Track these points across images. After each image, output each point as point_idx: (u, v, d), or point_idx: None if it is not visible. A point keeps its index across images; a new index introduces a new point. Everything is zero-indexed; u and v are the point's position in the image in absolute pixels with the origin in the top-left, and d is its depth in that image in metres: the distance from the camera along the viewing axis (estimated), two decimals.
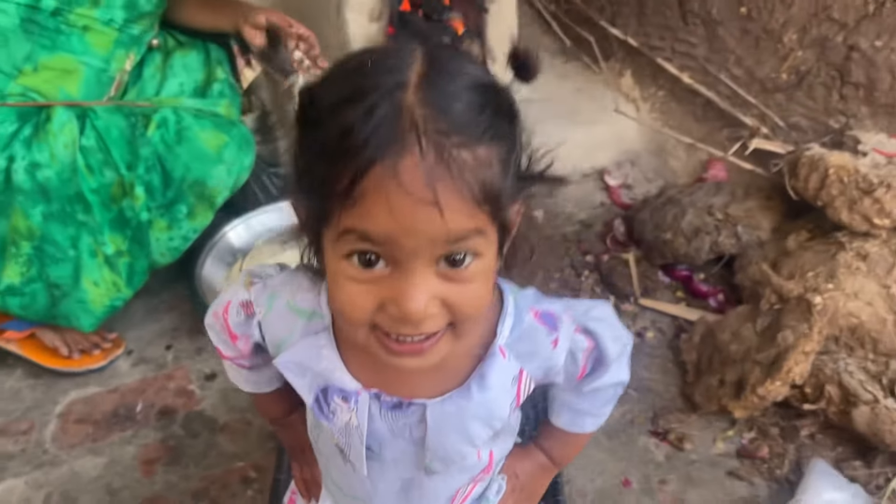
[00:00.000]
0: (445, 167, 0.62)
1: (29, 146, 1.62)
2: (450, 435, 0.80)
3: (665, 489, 1.66)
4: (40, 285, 1.76)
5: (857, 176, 1.75)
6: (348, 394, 0.79)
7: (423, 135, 0.62)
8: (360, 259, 0.66)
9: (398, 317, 0.67)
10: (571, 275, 2.12)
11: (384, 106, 0.62)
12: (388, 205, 0.62)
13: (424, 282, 0.66)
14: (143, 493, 1.66)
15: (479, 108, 0.66)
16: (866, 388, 1.62)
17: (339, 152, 0.63)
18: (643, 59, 2.42)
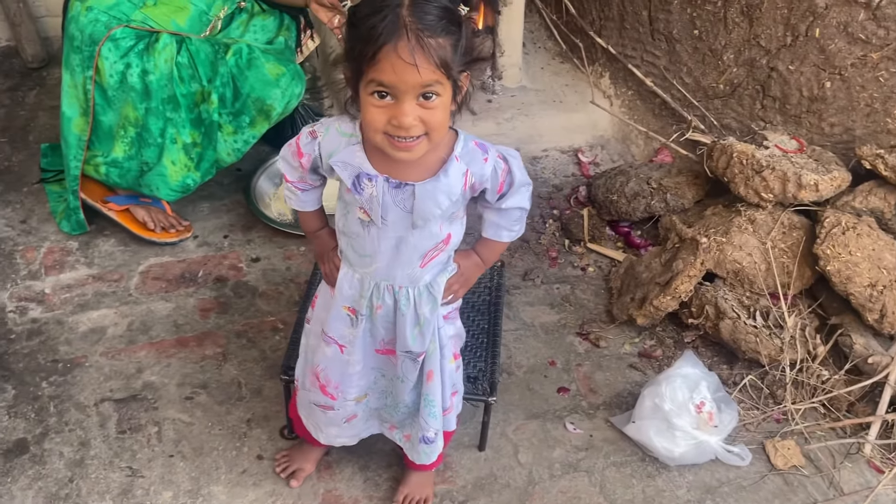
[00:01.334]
0: (420, 47, 1.19)
1: (141, 57, 2.24)
2: (427, 202, 1.37)
3: (580, 370, 2.24)
4: (135, 162, 2.39)
5: (752, 160, 2.33)
6: (372, 176, 1.36)
7: (409, 30, 1.19)
8: (378, 94, 1.23)
9: (397, 125, 1.24)
10: (539, 222, 2.71)
11: (391, 16, 1.19)
12: (392, 66, 1.20)
13: (411, 107, 1.23)
14: (199, 329, 2.27)
15: (440, 18, 1.21)
16: (734, 310, 2.20)
17: (369, 39, 1.20)
18: (619, 64, 3.01)
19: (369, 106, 1.25)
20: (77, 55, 2.24)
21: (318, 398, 1.66)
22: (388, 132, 1.26)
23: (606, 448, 2.02)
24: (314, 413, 1.72)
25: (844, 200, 2.33)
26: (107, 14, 2.22)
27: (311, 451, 1.90)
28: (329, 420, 1.70)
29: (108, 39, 2.19)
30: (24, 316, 2.25)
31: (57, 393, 2.05)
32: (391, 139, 1.27)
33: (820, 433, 2.09)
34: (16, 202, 2.63)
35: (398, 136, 1.26)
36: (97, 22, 2.21)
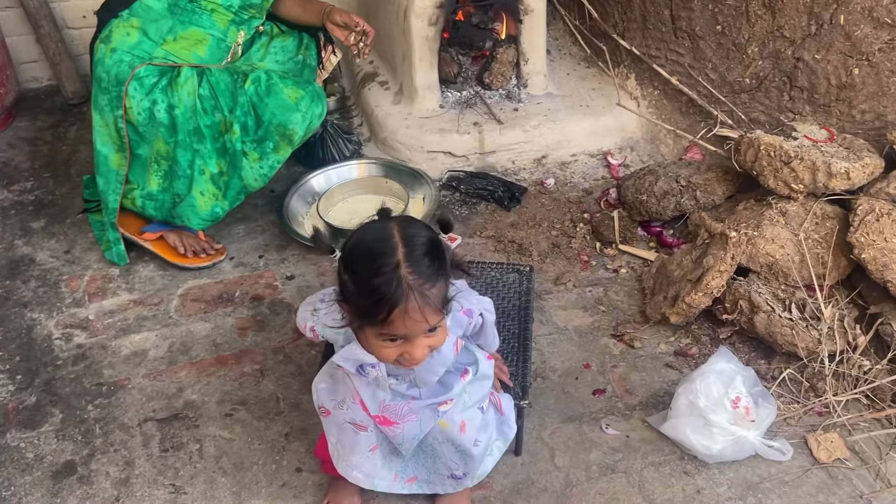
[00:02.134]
0: (426, 303, 1.32)
1: (166, 93, 2.32)
2: (426, 374, 1.56)
3: (615, 371, 2.23)
4: (168, 194, 2.47)
5: (780, 151, 2.30)
6: (374, 364, 1.50)
7: (413, 291, 1.31)
8: (389, 340, 1.39)
9: (409, 359, 1.41)
10: (569, 226, 2.71)
11: (395, 279, 1.30)
12: (405, 324, 1.33)
13: (421, 344, 1.39)
14: (237, 347, 2.31)
15: (432, 263, 1.33)
16: (768, 303, 2.17)
17: (377, 301, 1.31)
18: (644, 65, 3.00)
19: (381, 347, 1.41)
20: (105, 96, 2.33)
21: (357, 415, 1.63)
22: (399, 361, 1.44)
23: (644, 448, 2.01)
24: (345, 433, 1.67)
25: (878, 187, 2.29)
26: (130, 54, 2.31)
27: (348, 486, 1.84)
28: (357, 443, 1.66)
29: (133, 79, 2.28)
30: (69, 342, 2.32)
31: (102, 415, 2.11)
32: (401, 364, 1.45)
33: (864, 424, 2.04)
34: (60, 234, 2.72)
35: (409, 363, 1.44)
36: (121, 63, 2.29)
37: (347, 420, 1.63)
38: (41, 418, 2.11)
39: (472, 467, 1.72)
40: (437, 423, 1.63)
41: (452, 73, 3.09)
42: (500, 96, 3.11)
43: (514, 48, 3.07)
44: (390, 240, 1.32)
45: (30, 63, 3.44)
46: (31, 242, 2.69)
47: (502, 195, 2.80)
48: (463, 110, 3.04)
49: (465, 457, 1.70)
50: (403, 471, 1.74)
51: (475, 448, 1.69)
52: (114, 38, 2.32)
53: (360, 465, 1.69)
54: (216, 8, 2.42)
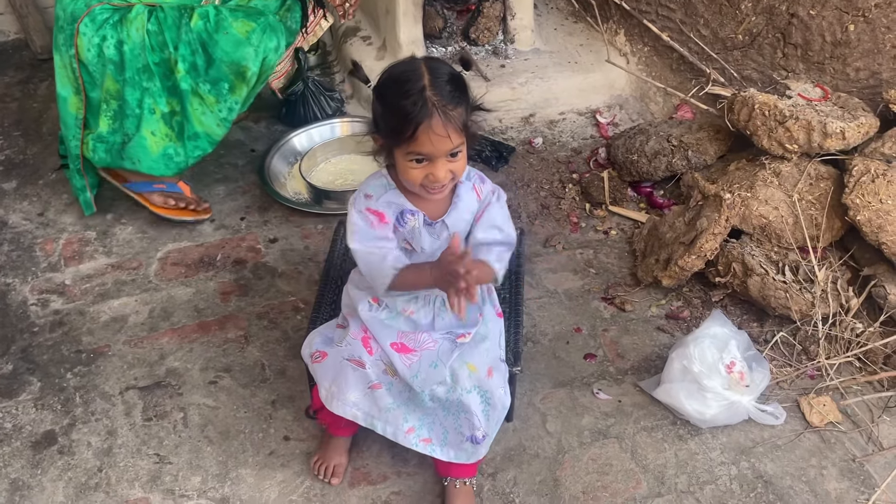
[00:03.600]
0: (448, 120, 1.43)
1: (115, 28, 2.21)
2: (456, 221, 1.63)
3: (606, 335, 2.20)
4: (118, 135, 2.35)
5: (775, 110, 2.26)
6: (414, 211, 1.60)
7: (439, 109, 1.42)
8: (416, 160, 1.48)
9: (434, 180, 1.50)
10: (558, 187, 2.66)
11: (420, 99, 1.42)
12: (429, 140, 1.44)
13: (443, 166, 1.49)
14: (220, 312, 2.26)
15: (455, 90, 1.46)
16: (762, 266, 2.14)
17: (404, 119, 1.43)
18: (634, 20, 2.93)
19: (408, 168, 1.51)
20: (61, 34, 2.24)
21: (356, 350, 1.65)
22: (424, 184, 1.52)
23: (636, 413, 1.99)
24: (343, 372, 1.66)
25: (873, 147, 2.25)
26: None
27: (338, 443, 1.87)
28: (357, 380, 1.65)
29: (87, 16, 2.19)
30: (46, 308, 2.25)
31: (82, 383, 2.05)
32: (427, 188, 1.54)
33: (856, 387, 2.03)
34: (32, 195, 2.63)
35: (434, 186, 1.52)
36: (78, 0, 2.19)
37: (345, 357, 1.65)
38: (19, 387, 2.05)
39: (491, 427, 1.68)
40: (465, 367, 1.64)
41: (437, 28, 3.00)
42: (486, 52, 3.03)
43: (500, 2, 2.98)
44: (417, 70, 1.46)
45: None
46: (3, 204, 2.60)
47: (490, 155, 2.74)
48: None
49: (489, 410, 1.66)
50: (420, 428, 1.69)
51: (504, 398, 1.68)
52: None
53: (357, 402, 1.67)
54: (191, 8, 2.27)
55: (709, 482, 1.83)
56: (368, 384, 1.66)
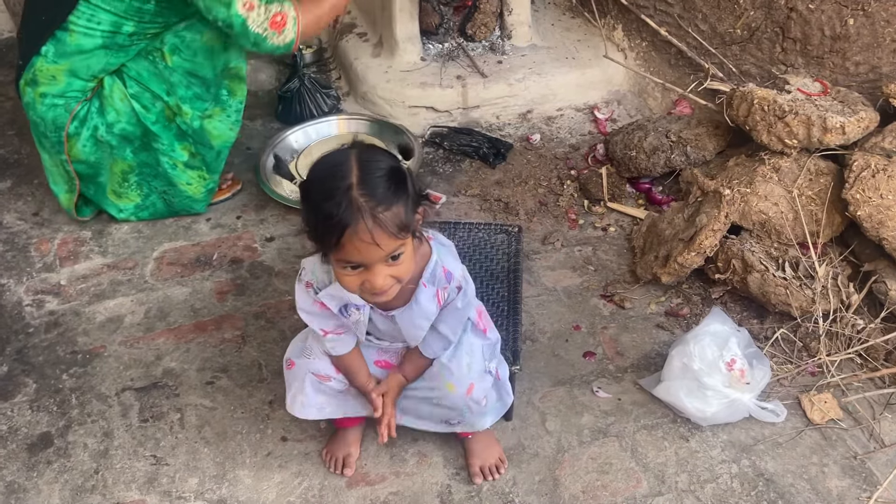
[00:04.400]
0: (378, 224, 1.28)
1: (101, 113, 2.23)
2: (409, 327, 1.55)
3: (605, 333, 2.19)
4: (155, 196, 2.42)
5: (774, 105, 2.24)
6: (359, 306, 1.52)
7: (365, 213, 1.27)
8: (350, 267, 1.35)
9: (370, 288, 1.37)
10: (556, 184, 2.64)
11: (345, 201, 1.27)
12: (356, 248, 1.30)
13: (381, 272, 1.35)
14: (216, 312, 2.24)
15: (389, 187, 1.30)
16: (761, 262, 2.13)
17: (328, 226, 1.29)
18: (632, 15, 2.91)
19: (343, 276, 1.39)
20: (45, 140, 2.27)
21: (323, 367, 1.67)
22: (363, 290, 1.40)
23: (636, 411, 1.97)
24: (305, 383, 1.69)
25: (873, 142, 2.24)
26: (63, 97, 2.20)
27: (346, 434, 1.87)
28: (321, 390, 1.71)
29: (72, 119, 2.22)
30: (41, 309, 2.24)
31: (78, 385, 2.03)
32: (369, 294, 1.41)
33: (857, 384, 2.02)
34: (27, 195, 2.61)
35: (374, 291, 1.39)
36: (55, 107, 2.20)
37: (311, 370, 1.67)
38: (14, 389, 2.03)
39: (473, 421, 1.72)
40: (445, 387, 1.65)
41: (434, 24, 2.98)
42: (483, 48, 3.02)
43: None
44: (345, 164, 1.31)
45: None
46: None
47: (487, 152, 2.72)
48: (445, 63, 2.94)
49: (470, 415, 1.70)
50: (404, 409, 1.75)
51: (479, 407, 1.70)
52: (40, 82, 2.17)
53: (324, 403, 1.73)
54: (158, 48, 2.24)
55: (709, 480, 1.82)
56: (338, 391, 1.71)
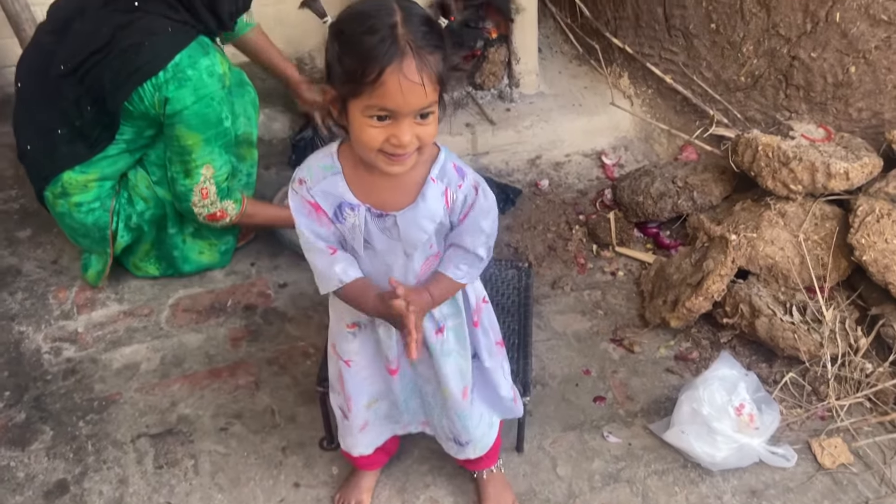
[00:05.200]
0: (424, 64, 1.18)
1: (131, 203, 2.32)
2: (411, 229, 1.38)
3: (615, 377, 2.20)
4: (172, 269, 2.48)
5: (778, 152, 2.28)
6: (353, 205, 1.36)
7: (413, 48, 1.17)
8: (377, 117, 1.22)
9: (396, 144, 1.24)
10: (565, 228, 2.68)
11: (389, 35, 1.17)
12: (399, 89, 1.18)
13: (410, 127, 1.23)
14: (230, 358, 2.27)
15: (431, 32, 1.21)
16: (769, 306, 2.15)
17: (369, 59, 1.17)
18: (637, 63, 2.97)
19: (366, 127, 1.24)
20: (86, 239, 2.35)
21: (340, 400, 1.70)
22: (383, 149, 1.26)
23: (647, 456, 1.98)
24: (337, 416, 1.75)
25: (877, 187, 2.27)
26: (98, 201, 2.27)
27: (360, 480, 1.88)
28: (345, 429, 1.74)
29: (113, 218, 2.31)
30: (59, 356, 2.27)
31: (94, 431, 2.06)
32: (386, 155, 1.27)
33: (867, 429, 2.03)
34: (46, 243, 2.66)
35: (396, 152, 1.26)
36: (93, 211, 2.28)
37: (337, 405, 1.71)
38: (31, 436, 2.06)
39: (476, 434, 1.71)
40: (439, 392, 1.62)
41: None
42: (491, 96, 3.08)
43: (505, 47, 3.03)
44: (387, 4, 1.20)
45: (11, 67, 3.37)
46: (17, 252, 2.63)
47: (497, 197, 2.75)
48: (455, 111, 3.00)
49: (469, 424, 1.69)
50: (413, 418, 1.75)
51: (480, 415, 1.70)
52: (71, 193, 2.24)
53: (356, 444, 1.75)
54: None
55: None
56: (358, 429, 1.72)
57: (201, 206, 2.24)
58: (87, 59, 2.09)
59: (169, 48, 2.05)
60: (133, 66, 2.05)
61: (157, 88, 2.05)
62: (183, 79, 2.05)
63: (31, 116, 2.27)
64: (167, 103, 2.07)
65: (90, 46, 2.08)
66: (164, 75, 2.04)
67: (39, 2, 3.11)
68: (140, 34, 2.05)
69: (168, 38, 2.06)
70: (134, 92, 2.06)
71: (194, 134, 2.13)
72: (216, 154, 2.19)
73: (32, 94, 2.25)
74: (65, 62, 2.12)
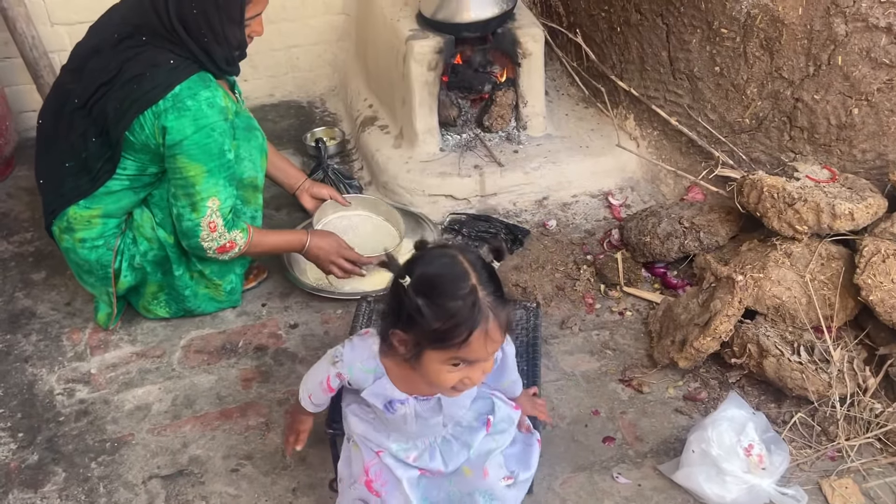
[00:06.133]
0: (500, 323, 1.37)
1: (134, 242, 2.36)
2: (452, 407, 1.60)
3: (624, 418, 2.21)
4: (181, 311, 2.51)
5: (783, 193, 2.30)
6: (403, 400, 1.55)
7: (493, 311, 1.36)
8: (454, 364, 1.41)
9: (470, 384, 1.45)
10: (573, 269, 2.70)
11: (472, 300, 1.34)
12: (484, 346, 1.37)
13: (480, 367, 1.43)
14: (241, 399, 2.29)
15: (499, 289, 1.39)
16: (777, 346, 2.16)
17: (457, 324, 1.34)
18: (643, 105, 3.01)
19: (444, 372, 1.42)
20: (90, 276, 2.39)
21: (362, 493, 1.66)
22: (456, 387, 1.46)
23: (656, 497, 1.98)
24: None
25: (883, 227, 2.29)
26: (102, 238, 2.32)
27: None
28: None
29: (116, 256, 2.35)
30: (71, 398, 2.30)
31: (106, 473, 2.08)
32: (454, 390, 1.48)
33: (878, 469, 2.02)
34: (60, 285, 2.70)
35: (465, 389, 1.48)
36: (97, 248, 2.32)
37: (356, 497, 1.67)
38: (44, 477, 2.07)
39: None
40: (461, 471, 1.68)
41: (452, 117, 3.09)
42: (499, 138, 3.12)
43: (512, 91, 3.08)
44: (460, 265, 1.37)
45: (29, 112, 3.44)
46: (32, 295, 2.67)
47: (505, 238, 2.79)
48: (463, 153, 3.04)
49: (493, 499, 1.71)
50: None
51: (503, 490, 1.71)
52: (76, 228, 2.29)
53: None
54: None
55: None
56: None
57: (210, 240, 2.27)
58: (95, 91, 2.17)
59: (169, 78, 2.12)
60: (134, 96, 2.11)
61: (157, 116, 2.11)
62: (182, 108, 2.11)
63: (46, 151, 2.34)
64: (167, 133, 2.12)
65: (99, 80, 2.16)
66: (164, 104, 2.10)
67: (57, 49, 3.20)
68: (143, 65, 2.13)
69: (170, 70, 2.13)
70: (135, 121, 2.12)
71: (197, 165, 2.17)
72: (220, 186, 2.22)
73: (49, 131, 2.32)
74: (78, 97, 2.20)
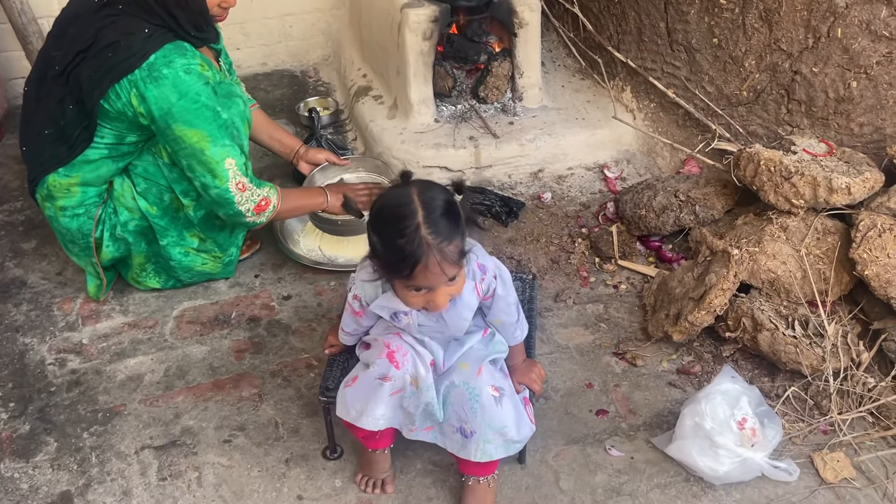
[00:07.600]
0: (444, 258, 1.50)
1: (115, 212, 2.32)
2: (454, 319, 1.71)
3: (618, 391, 2.21)
4: (173, 280, 2.48)
5: (780, 166, 2.29)
6: (406, 311, 1.69)
7: (435, 248, 1.48)
8: (415, 290, 1.57)
9: (434, 307, 1.60)
10: (568, 241, 2.69)
11: (416, 238, 1.47)
12: (426, 278, 1.52)
13: (443, 293, 1.57)
14: (234, 370, 2.28)
15: (449, 222, 1.51)
16: (771, 320, 2.15)
17: (401, 258, 1.49)
18: (640, 77, 2.99)
19: (408, 295, 1.60)
20: (74, 246, 2.37)
21: (383, 368, 1.72)
22: (425, 307, 1.63)
23: (649, 470, 1.98)
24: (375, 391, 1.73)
25: (879, 201, 2.28)
26: (83, 206, 2.29)
27: (379, 457, 1.91)
28: (384, 393, 1.73)
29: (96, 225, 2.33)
30: (63, 368, 2.28)
31: (98, 443, 2.07)
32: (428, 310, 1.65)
33: (870, 443, 2.03)
34: (51, 255, 2.68)
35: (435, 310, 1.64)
36: (77, 217, 2.30)
37: (375, 376, 1.73)
38: (35, 447, 2.07)
39: (479, 426, 1.72)
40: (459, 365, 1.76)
41: (447, 87, 3.06)
42: (495, 110, 3.09)
43: (508, 61, 3.05)
44: (411, 204, 1.49)
45: (18, 79, 3.40)
46: (22, 264, 2.65)
47: (499, 210, 2.77)
48: (458, 124, 3.01)
49: (477, 407, 1.72)
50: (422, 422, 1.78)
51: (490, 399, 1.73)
52: (56, 196, 2.27)
53: (384, 414, 1.76)
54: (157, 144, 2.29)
55: None
56: (391, 392, 1.73)
57: (246, 202, 2.25)
58: (73, 58, 2.14)
59: (145, 47, 2.09)
60: (109, 64, 2.09)
61: (133, 85, 2.08)
62: (159, 77, 2.08)
63: (29, 119, 2.31)
64: (151, 105, 2.09)
65: (77, 46, 2.13)
66: (140, 73, 2.08)
67: (45, 15, 3.15)
68: (118, 33, 2.10)
69: (144, 38, 2.10)
70: (110, 90, 2.09)
71: (196, 131, 2.14)
72: (229, 147, 2.20)
73: (31, 98, 2.29)
74: (59, 63, 2.17)
